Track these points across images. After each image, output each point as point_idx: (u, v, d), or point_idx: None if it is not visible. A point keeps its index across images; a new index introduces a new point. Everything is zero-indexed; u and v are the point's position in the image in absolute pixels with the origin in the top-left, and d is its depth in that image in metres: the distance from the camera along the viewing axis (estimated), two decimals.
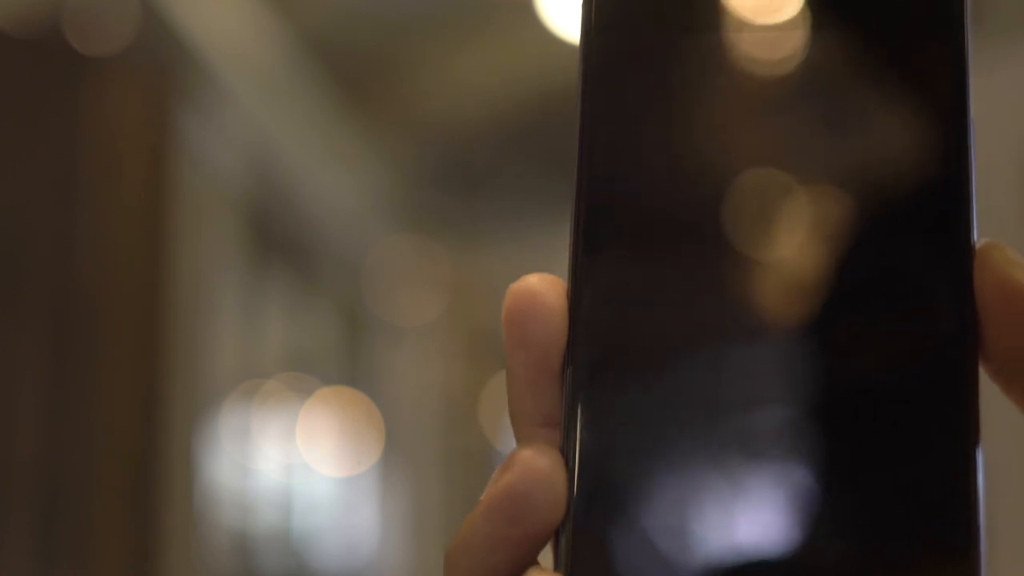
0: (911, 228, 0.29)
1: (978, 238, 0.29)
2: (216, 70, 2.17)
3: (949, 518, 0.28)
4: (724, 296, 0.30)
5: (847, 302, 0.29)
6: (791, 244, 0.30)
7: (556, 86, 2.52)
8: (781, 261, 0.30)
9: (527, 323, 0.30)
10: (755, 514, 0.29)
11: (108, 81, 1.82)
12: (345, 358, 3.17)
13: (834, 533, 0.28)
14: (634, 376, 0.30)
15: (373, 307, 3.29)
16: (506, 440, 3.62)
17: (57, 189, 1.79)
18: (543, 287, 0.30)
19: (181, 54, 2.03)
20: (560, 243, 0.31)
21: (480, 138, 2.92)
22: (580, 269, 0.30)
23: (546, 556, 0.30)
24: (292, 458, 2.75)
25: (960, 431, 0.28)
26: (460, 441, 3.52)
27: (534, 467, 0.29)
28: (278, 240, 2.66)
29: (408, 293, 3.37)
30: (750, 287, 0.30)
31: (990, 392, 0.29)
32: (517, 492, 0.29)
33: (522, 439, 0.30)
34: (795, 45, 0.31)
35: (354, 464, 3.07)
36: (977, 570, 0.27)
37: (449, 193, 3.17)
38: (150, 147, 1.91)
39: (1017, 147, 1.59)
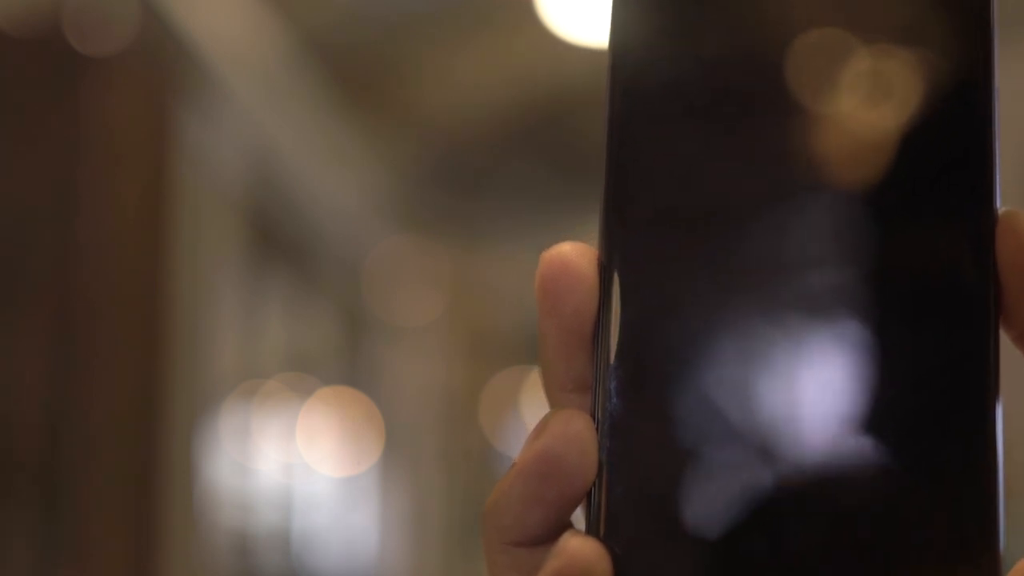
0: (936, 195, 0.30)
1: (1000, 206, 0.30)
2: (216, 70, 2.17)
3: (968, 480, 0.28)
4: (755, 263, 0.30)
5: (871, 269, 0.30)
6: (819, 211, 0.30)
7: (556, 86, 2.52)
8: (811, 229, 0.30)
9: (559, 290, 0.30)
10: (783, 477, 0.29)
11: (108, 81, 1.82)
12: (345, 358, 3.17)
13: (861, 491, 0.29)
14: (665, 342, 0.30)
15: (373, 307, 3.29)
16: (506, 440, 3.62)
17: (57, 189, 1.79)
18: (575, 254, 0.30)
19: (181, 54, 2.03)
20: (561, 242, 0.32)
21: (480, 138, 2.92)
22: (611, 236, 0.31)
23: (578, 519, 0.31)
24: (292, 458, 2.75)
25: (980, 394, 0.29)
26: (460, 441, 3.53)
27: (566, 430, 0.29)
28: (278, 240, 2.66)
29: (408, 293, 3.37)
30: (782, 251, 0.30)
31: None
32: (550, 455, 0.29)
33: (554, 404, 0.31)
34: (820, 29, 0.31)
35: (354, 464, 3.07)
36: (996, 525, 0.28)
37: (449, 193, 3.17)
38: (150, 147, 1.91)
39: (1018, 146, 1.59)
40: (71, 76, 1.79)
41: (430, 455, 3.50)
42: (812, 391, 0.29)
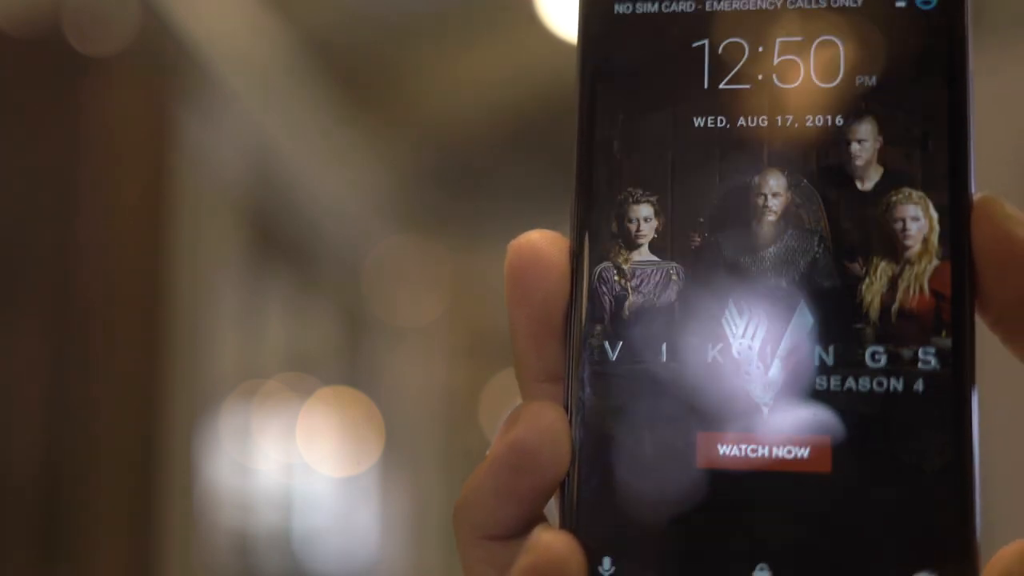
0: (911, 181, 0.30)
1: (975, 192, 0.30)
2: (216, 70, 2.17)
3: (944, 466, 0.28)
4: (727, 250, 0.30)
5: (845, 257, 0.30)
6: (791, 199, 0.30)
7: (556, 86, 2.51)
8: (783, 218, 0.30)
9: (528, 279, 0.30)
10: (758, 468, 0.29)
11: (108, 81, 1.81)
12: (345, 358, 3.16)
13: (836, 479, 0.29)
14: (639, 330, 0.30)
15: (373, 307, 3.29)
16: None
17: (57, 189, 1.79)
18: (544, 243, 0.30)
19: (181, 54, 2.03)
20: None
21: (480, 138, 2.91)
22: (582, 224, 0.30)
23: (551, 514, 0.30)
24: (292, 458, 2.75)
25: (957, 379, 0.29)
26: (460, 441, 3.52)
27: (539, 422, 0.29)
28: (278, 240, 2.66)
29: (408, 293, 3.37)
30: (755, 239, 0.30)
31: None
32: (523, 446, 0.29)
33: (527, 395, 0.31)
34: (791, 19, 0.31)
35: (354, 464, 3.07)
36: (972, 509, 0.28)
37: (449, 193, 3.17)
38: (150, 147, 1.90)
39: (1017, 147, 1.59)
40: (71, 76, 1.79)
41: (430, 455, 3.50)
42: (786, 380, 0.29)
